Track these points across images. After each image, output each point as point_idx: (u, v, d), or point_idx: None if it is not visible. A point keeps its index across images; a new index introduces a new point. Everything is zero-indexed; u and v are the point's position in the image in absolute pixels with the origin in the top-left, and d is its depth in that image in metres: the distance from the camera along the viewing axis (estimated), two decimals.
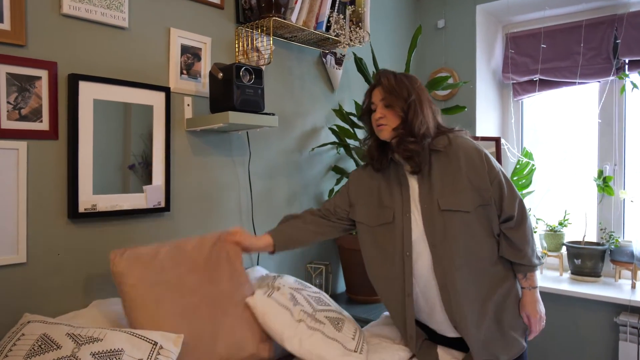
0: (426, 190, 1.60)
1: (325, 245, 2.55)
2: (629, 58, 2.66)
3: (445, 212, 1.55)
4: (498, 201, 1.57)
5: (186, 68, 1.87)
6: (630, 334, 2.44)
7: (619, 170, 2.80)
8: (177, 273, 1.56)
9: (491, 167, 1.57)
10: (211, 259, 1.65)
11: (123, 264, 1.50)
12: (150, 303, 1.49)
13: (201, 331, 1.52)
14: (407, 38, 3.10)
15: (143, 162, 1.74)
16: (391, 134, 1.59)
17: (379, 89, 1.62)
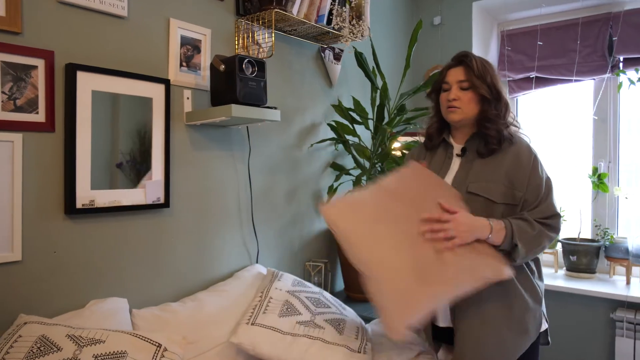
0: (463, 174, 1.58)
1: (324, 242, 2.51)
2: (624, 56, 2.68)
3: (471, 195, 1.52)
4: (530, 202, 1.52)
5: (186, 60, 1.82)
6: (627, 329, 2.46)
7: (613, 167, 2.82)
8: (385, 206, 1.51)
9: (535, 170, 1.54)
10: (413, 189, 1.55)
11: (334, 213, 1.52)
12: (368, 243, 1.45)
13: (422, 260, 1.43)
14: (404, 34, 3.08)
15: (142, 157, 1.67)
16: (461, 117, 1.57)
17: (459, 70, 1.57)
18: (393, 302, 1.42)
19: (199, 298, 1.78)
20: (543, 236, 1.48)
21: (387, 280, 1.43)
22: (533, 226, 1.47)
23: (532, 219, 1.48)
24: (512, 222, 1.47)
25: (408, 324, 1.41)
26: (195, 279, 1.88)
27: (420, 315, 1.43)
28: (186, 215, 1.84)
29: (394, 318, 1.42)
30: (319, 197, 2.47)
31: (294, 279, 1.92)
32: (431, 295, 1.41)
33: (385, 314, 1.43)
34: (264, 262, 2.16)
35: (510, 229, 1.45)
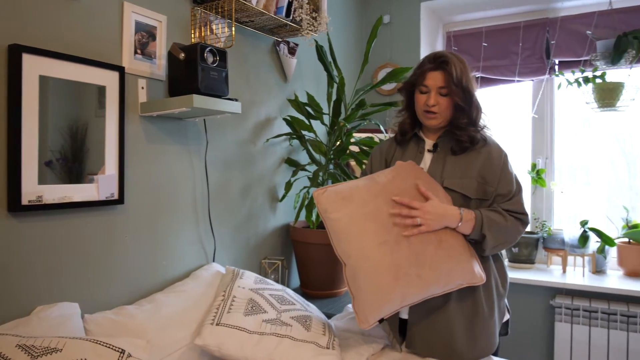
0: (437, 169, 1.62)
1: (279, 239, 2.47)
2: (560, 59, 2.86)
3: (447, 190, 1.57)
4: (503, 196, 1.56)
5: (140, 47, 1.71)
6: (565, 314, 2.62)
7: (550, 163, 2.99)
8: (375, 204, 1.52)
9: (505, 167, 1.60)
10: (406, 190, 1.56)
11: (325, 200, 1.56)
12: (354, 234, 1.49)
13: (404, 260, 1.44)
14: (355, 31, 3.09)
15: (95, 149, 1.55)
16: (439, 122, 1.60)
17: (439, 75, 1.56)
18: (368, 296, 1.46)
19: (156, 299, 1.68)
20: (513, 228, 1.54)
21: (366, 273, 1.46)
22: (505, 218, 1.52)
23: (504, 211, 1.53)
24: (483, 213, 1.51)
25: (379, 316, 1.44)
26: (151, 279, 1.78)
27: (390, 310, 1.48)
28: (141, 212, 1.73)
29: (367, 310, 1.46)
30: (274, 193, 2.42)
31: (255, 276, 1.86)
32: (405, 294, 1.46)
33: (359, 304, 1.47)
34: (221, 260, 2.09)
35: (480, 219, 1.49)
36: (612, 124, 2.93)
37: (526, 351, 2.80)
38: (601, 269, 2.77)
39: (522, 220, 1.57)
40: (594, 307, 2.55)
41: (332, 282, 2.37)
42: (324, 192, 1.59)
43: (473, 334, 1.55)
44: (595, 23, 2.71)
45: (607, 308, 2.53)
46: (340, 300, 2.32)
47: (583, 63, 2.74)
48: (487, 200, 1.57)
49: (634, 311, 2.48)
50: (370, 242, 1.47)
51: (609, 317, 2.53)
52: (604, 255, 2.75)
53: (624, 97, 2.57)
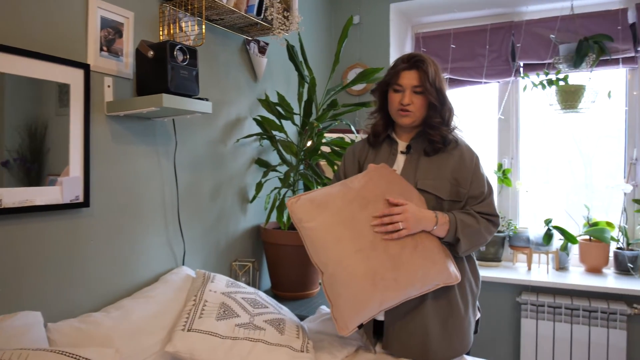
0: (410, 170, 1.63)
1: (250, 241, 2.43)
2: (524, 62, 2.93)
3: (421, 192, 1.58)
4: (475, 198, 1.59)
5: (106, 44, 1.64)
6: (530, 311, 2.69)
7: (515, 163, 3.07)
8: (350, 211, 1.52)
9: (477, 169, 1.62)
10: (380, 195, 1.55)
11: (300, 210, 1.54)
12: (330, 243, 1.49)
13: (380, 265, 1.45)
14: (324, 31, 3.09)
15: (58, 150, 1.48)
16: (413, 120, 1.61)
17: (413, 74, 1.58)
18: (347, 303, 1.46)
19: (124, 306, 1.62)
20: (485, 231, 1.57)
21: (344, 281, 1.47)
22: (478, 220, 1.55)
23: (476, 213, 1.56)
24: (457, 216, 1.52)
25: (358, 322, 1.44)
26: (119, 285, 1.72)
27: (369, 316, 1.49)
28: (108, 215, 1.67)
29: (346, 316, 1.46)
30: (244, 194, 2.39)
31: (227, 279, 1.83)
32: (383, 298, 1.47)
33: (338, 311, 1.47)
34: (190, 263, 2.04)
35: (454, 223, 1.51)
36: (571, 125, 3.02)
37: (494, 347, 2.86)
38: (564, 266, 2.86)
39: (493, 222, 1.60)
40: (558, 303, 2.63)
41: (303, 284, 2.35)
42: (297, 200, 1.57)
43: (448, 334, 1.57)
44: (558, 27, 2.79)
45: (570, 304, 2.61)
46: (312, 302, 2.31)
47: (547, 66, 2.82)
48: (459, 201, 1.59)
49: (595, 306, 2.56)
50: (347, 250, 1.47)
51: (572, 312, 2.61)
52: (567, 253, 2.84)
53: (585, 100, 2.66)
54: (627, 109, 2.81)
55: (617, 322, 2.53)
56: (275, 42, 2.47)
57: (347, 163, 1.80)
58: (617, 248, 2.77)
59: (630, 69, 2.79)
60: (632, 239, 2.78)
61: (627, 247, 2.75)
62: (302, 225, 1.54)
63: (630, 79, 2.81)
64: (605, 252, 2.76)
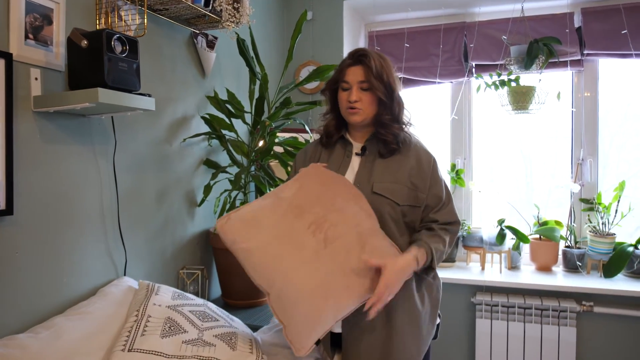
0: (366, 173, 1.55)
1: (198, 247, 2.29)
2: (477, 62, 2.94)
3: (377, 195, 1.50)
4: (432, 206, 1.54)
5: (33, 32, 1.46)
6: (485, 311, 2.70)
7: (468, 163, 3.08)
8: (286, 223, 1.44)
9: (435, 173, 1.57)
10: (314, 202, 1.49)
11: (230, 230, 1.44)
12: (271, 261, 1.40)
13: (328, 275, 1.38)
14: (276, 27, 2.97)
15: None
16: (363, 118, 1.53)
17: (359, 69, 1.50)
18: (300, 321, 1.37)
19: (55, 325, 1.44)
20: (449, 246, 1.54)
21: (294, 300, 1.37)
22: (444, 241, 1.52)
23: (439, 231, 1.52)
24: (432, 246, 1.48)
25: (314, 340, 1.36)
26: (50, 300, 1.54)
27: (325, 330, 1.40)
28: (36, 223, 1.49)
29: (302, 336, 1.37)
30: (192, 198, 2.24)
31: (173, 291, 1.69)
32: (337, 309, 1.39)
33: (292, 332, 1.37)
34: (133, 273, 1.88)
35: (430, 256, 1.47)
36: (521, 125, 3.07)
37: (449, 348, 2.85)
38: (516, 265, 2.89)
39: (455, 231, 1.57)
40: (511, 303, 2.65)
41: (256, 291, 2.23)
42: (227, 221, 1.48)
43: (408, 341, 1.51)
44: (510, 29, 2.81)
45: (523, 303, 2.63)
46: (266, 310, 2.19)
47: (499, 67, 2.84)
48: (418, 206, 1.54)
49: (547, 304, 2.60)
50: (290, 266, 1.38)
51: (525, 311, 2.63)
52: (519, 252, 2.87)
53: (535, 101, 2.69)
54: (574, 110, 2.88)
55: (567, 320, 2.57)
56: (225, 37, 2.34)
57: (299, 166, 1.70)
58: (565, 246, 2.83)
59: (576, 71, 2.86)
60: (579, 238, 2.85)
61: (574, 245, 2.82)
62: (237, 247, 1.44)
63: (577, 81, 2.87)
64: (554, 250, 2.81)
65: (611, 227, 2.70)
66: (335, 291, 1.36)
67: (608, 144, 2.90)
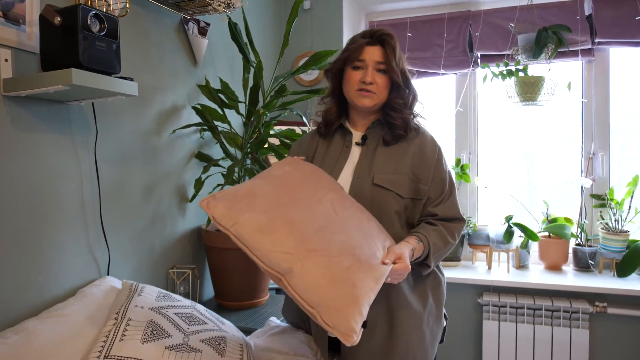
0: (366, 163, 1.42)
1: (189, 245, 2.16)
2: (482, 52, 2.81)
3: (377, 187, 1.38)
4: (433, 199, 1.41)
5: (2, 8, 1.34)
6: (492, 312, 2.57)
7: (473, 158, 2.95)
8: (287, 193, 1.28)
9: (439, 164, 1.44)
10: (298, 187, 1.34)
11: (223, 206, 1.22)
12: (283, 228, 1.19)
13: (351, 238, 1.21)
14: (274, 16, 2.85)
15: None
16: (374, 103, 1.42)
17: (378, 49, 1.40)
18: (337, 296, 1.11)
19: (26, 328, 1.32)
20: (449, 246, 1.41)
21: (323, 270, 1.13)
22: (444, 239, 1.38)
23: (441, 226, 1.39)
24: (430, 241, 1.34)
25: (363, 317, 1.11)
26: (22, 302, 1.41)
27: (371, 300, 1.14)
28: (6, 217, 1.37)
29: (348, 314, 1.08)
30: (183, 193, 2.12)
31: (158, 291, 1.56)
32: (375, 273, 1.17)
33: (332, 314, 1.08)
34: (118, 273, 1.75)
35: (427, 250, 1.35)
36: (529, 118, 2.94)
37: (455, 350, 2.72)
38: (524, 264, 2.77)
39: (456, 231, 1.43)
40: (520, 304, 2.52)
41: (250, 292, 2.11)
42: (213, 198, 1.24)
43: (412, 345, 1.39)
44: (517, 17, 2.69)
45: (532, 303, 2.50)
46: (261, 312, 2.07)
47: (505, 57, 2.71)
48: (419, 199, 1.42)
49: (558, 305, 2.47)
50: (307, 231, 1.18)
51: (535, 312, 2.51)
52: (528, 250, 2.74)
53: (544, 92, 2.57)
54: (585, 101, 2.75)
55: (580, 321, 2.44)
56: (217, 23, 2.22)
57: None
58: (576, 244, 2.70)
59: (587, 61, 2.73)
60: (590, 235, 2.72)
61: (586, 243, 2.69)
62: (238, 220, 1.19)
63: (587, 71, 2.74)
64: (564, 248, 2.69)
65: (624, 224, 2.57)
66: (364, 254, 1.19)
67: (620, 137, 2.77)
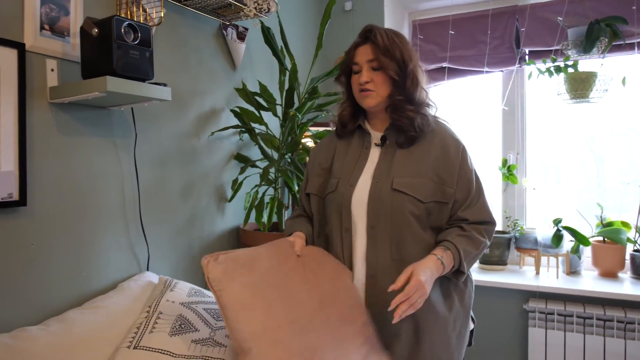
0: (385, 166, 1.39)
1: (227, 244, 2.23)
2: (530, 48, 2.70)
3: (397, 193, 1.34)
4: (460, 202, 1.38)
5: (49, 22, 1.45)
6: (539, 319, 2.46)
7: (521, 158, 2.83)
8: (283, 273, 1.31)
9: (465, 163, 1.40)
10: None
11: (219, 269, 1.24)
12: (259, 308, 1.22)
13: (320, 341, 1.22)
14: (313, 16, 2.88)
15: None
16: (377, 101, 1.39)
17: (367, 47, 1.38)
18: None
19: (68, 318, 1.42)
20: (482, 247, 1.37)
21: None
22: (476, 243, 1.35)
23: (471, 231, 1.35)
24: (459, 248, 1.31)
25: None
26: (67, 294, 1.52)
27: None
28: (52, 215, 1.48)
29: None
30: (222, 193, 2.19)
31: (190, 287, 1.63)
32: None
33: None
34: (157, 269, 1.84)
35: (459, 259, 1.32)
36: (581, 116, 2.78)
37: (499, 357, 2.62)
38: (575, 270, 2.62)
39: (489, 232, 1.40)
40: (569, 311, 2.39)
41: None
42: (215, 260, 1.28)
43: (440, 347, 1.39)
44: (566, 10, 2.56)
45: (582, 312, 2.37)
46: None
47: (554, 52, 2.59)
48: (446, 203, 1.37)
49: (611, 314, 2.32)
50: (280, 321, 1.21)
51: (585, 321, 2.37)
52: (579, 255, 2.60)
53: (597, 88, 2.42)
54: None
55: (636, 333, 2.28)
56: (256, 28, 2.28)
57: (313, 164, 1.57)
58: (634, 250, 2.52)
59: None
60: None
61: None
62: (223, 286, 1.23)
63: None
64: (621, 254, 2.52)
65: None
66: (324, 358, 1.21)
67: None
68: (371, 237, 1.36)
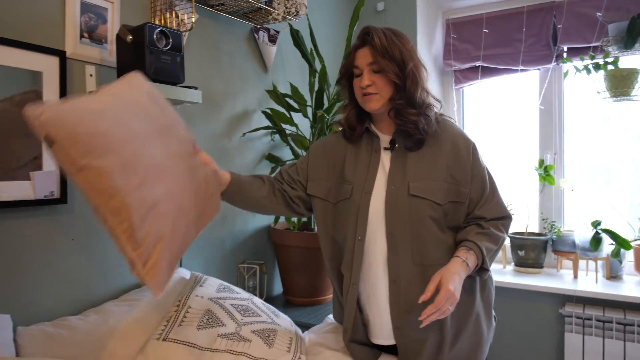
0: (399, 170, 1.38)
1: (259, 242, 2.28)
2: (568, 45, 2.62)
3: (414, 198, 1.34)
4: (476, 200, 1.38)
5: (88, 30, 1.54)
6: (576, 324, 2.38)
7: (559, 159, 2.76)
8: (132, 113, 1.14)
9: (477, 161, 1.39)
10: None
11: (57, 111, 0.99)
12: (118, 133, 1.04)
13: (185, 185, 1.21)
14: (344, 17, 2.90)
15: (28, 141, 1.39)
16: (381, 104, 1.36)
17: (366, 50, 1.34)
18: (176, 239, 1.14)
19: (105, 310, 1.51)
20: (500, 241, 1.37)
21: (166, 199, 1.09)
22: (495, 239, 1.35)
23: (490, 228, 1.35)
24: (481, 246, 1.31)
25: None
26: (104, 287, 1.61)
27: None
28: (90, 212, 1.56)
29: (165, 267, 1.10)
30: None
31: (219, 283, 1.68)
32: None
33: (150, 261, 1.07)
34: (190, 265, 1.91)
35: (482, 257, 1.32)
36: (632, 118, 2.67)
37: None
38: (616, 274, 2.52)
39: (505, 228, 1.39)
40: (607, 317, 2.31)
41: (315, 289, 2.18)
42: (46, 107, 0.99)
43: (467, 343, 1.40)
44: (606, 5, 2.47)
45: (622, 318, 2.28)
46: (323, 309, 2.12)
47: (593, 49, 2.50)
48: (462, 202, 1.37)
49: None
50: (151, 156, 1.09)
51: (625, 327, 2.28)
52: (620, 260, 2.50)
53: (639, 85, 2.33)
54: None
55: None
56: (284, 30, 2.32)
57: (313, 161, 1.53)
58: None
59: None
60: None
61: None
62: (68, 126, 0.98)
63: None
64: None
65: None
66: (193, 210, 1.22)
67: None
68: (391, 244, 1.36)
